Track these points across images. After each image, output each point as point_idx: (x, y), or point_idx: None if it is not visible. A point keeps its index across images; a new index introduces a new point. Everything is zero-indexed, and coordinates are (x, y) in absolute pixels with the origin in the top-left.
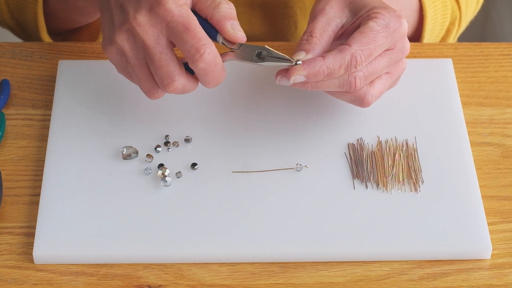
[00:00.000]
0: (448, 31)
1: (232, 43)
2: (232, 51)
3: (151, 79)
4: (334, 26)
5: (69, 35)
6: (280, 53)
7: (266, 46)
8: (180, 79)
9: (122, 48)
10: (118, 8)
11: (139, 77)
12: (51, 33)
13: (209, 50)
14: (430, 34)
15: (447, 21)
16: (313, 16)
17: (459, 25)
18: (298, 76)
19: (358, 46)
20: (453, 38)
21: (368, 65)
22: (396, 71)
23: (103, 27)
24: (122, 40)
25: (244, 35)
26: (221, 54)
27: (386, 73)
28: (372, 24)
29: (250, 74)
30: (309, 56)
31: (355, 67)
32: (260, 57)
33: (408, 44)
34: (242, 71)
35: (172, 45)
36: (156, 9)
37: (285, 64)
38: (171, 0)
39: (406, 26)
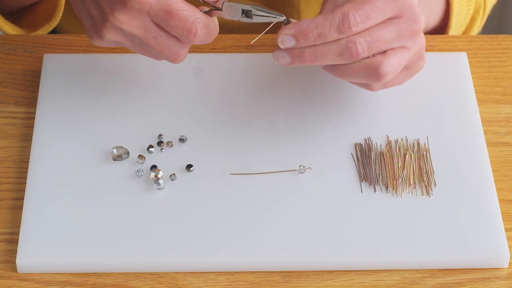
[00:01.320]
0: (472, 20)
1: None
2: (216, 10)
3: (164, 46)
4: None
5: (23, 13)
6: (268, 9)
7: (252, 4)
8: (185, 49)
9: (115, 41)
10: (90, 1)
11: (148, 51)
12: (2, 13)
13: (200, 25)
14: (456, 23)
15: (471, 9)
16: (323, 4)
17: (483, 13)
18: (286, 37)
19: (351, 6)
20: (477, 28)
21: (370, 31)
22: (413, 46)
23: (80, 16)
24: (112, 36)
25: None
26: (207, 12)
27: (402, 47)
28: None
29: (250, 67)
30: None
31: (350, 28)
32: (247, 15)
33: (420, 15)
34: (240, 64)
35: None
36: (131, 3)
37: (273, 20)
38: None
39: None
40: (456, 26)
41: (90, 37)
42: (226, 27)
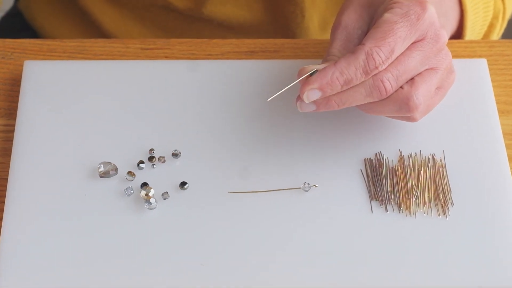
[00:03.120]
0: (491, 26)
1: None
2: None
3: None
4: (356, 39)
5: None
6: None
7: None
8: None
9: None
10: None
11: None
12: None
13: None
14: (472, 30)
15: (489, 14)
16: (332, 33)
17: (503, 19)
18: (311, 92)
19: (373, 43)
20: (497, 35)
21: (396, 63)
22: (441, 64)
23: None
24: None
25: None
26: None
27: (429, 69)
28: (387, 15)
29: (249, 75)
30: (321, 66)
31: (376, 68)
32: None
33: (442, 31)
34: (239, 72)
35: None
36: None
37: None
38: None
39: (433, 11)
40: (472, 34)
41: None
42: (224, 24)
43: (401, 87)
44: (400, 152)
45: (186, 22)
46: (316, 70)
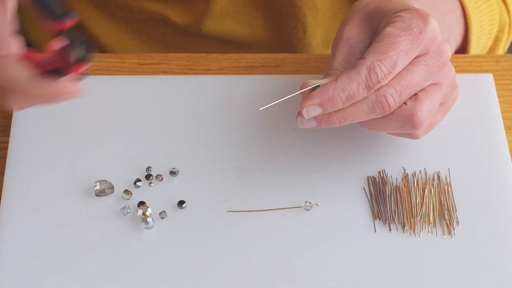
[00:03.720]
0: (496, 40)
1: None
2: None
3: None
4: (358, 53)
5: None
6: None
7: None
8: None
9: None
10: None
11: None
12: None
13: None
14: (477, 44)
15: (495, 27)
16: (333, 47)
17: (509, 32)
18: (311, 107)
19: (374, 57)
20: (502, 48)
21: (399, 78)
22: (444, 79)
23: None
24: None
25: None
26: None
27: (432, 84)
28: (389, 29)
29: (249, 91)
30: (323, 81)
31: (379, 82)
32: None
33: (445, 45)
34: (238, 87)
35: None
36: None
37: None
38: None
39: (435, 25)
40: (477, 48)
41: None
42: (224, 39)
43: (404, 103)
44: (404, 169)
45: (185, 36)
46: (319, 85)
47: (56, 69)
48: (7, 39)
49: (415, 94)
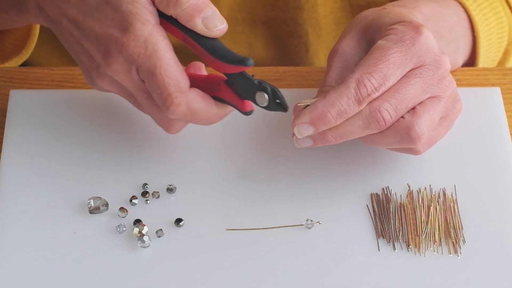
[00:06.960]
0: (506, 53)
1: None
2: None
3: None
4: (353, 66)
5: None
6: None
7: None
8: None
9: (109, 90)
10: (77, 44)
11: (143, 108)
12: None
13: (177, 101)
14: (486, 57)
15: (504, 41)
16: (328, 61)
17: None
18: (302, 126)
19: (363, 70)
20: None
21: (393, 92)
22: (444, 92)
23: (74, 57)
24: (106, 85)
25: (225, 25)
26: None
27: (431, 97)
28: (380, 42)
29: None
30: (314, 100)
31: (369, 95)
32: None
33: (443, 57)
34: None
35: None
36: (122, 51)
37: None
38: (133, 35)
39: (429, 35)
40: (486, 61)
41: (88, 82)
42: None
43: (402, 117)
44: (409, 186)
45: (182, 57)
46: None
47: (216, 96)
48: (182, 77)
49: (413, 108)
